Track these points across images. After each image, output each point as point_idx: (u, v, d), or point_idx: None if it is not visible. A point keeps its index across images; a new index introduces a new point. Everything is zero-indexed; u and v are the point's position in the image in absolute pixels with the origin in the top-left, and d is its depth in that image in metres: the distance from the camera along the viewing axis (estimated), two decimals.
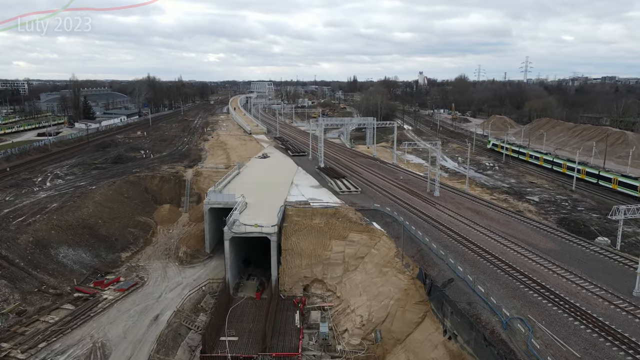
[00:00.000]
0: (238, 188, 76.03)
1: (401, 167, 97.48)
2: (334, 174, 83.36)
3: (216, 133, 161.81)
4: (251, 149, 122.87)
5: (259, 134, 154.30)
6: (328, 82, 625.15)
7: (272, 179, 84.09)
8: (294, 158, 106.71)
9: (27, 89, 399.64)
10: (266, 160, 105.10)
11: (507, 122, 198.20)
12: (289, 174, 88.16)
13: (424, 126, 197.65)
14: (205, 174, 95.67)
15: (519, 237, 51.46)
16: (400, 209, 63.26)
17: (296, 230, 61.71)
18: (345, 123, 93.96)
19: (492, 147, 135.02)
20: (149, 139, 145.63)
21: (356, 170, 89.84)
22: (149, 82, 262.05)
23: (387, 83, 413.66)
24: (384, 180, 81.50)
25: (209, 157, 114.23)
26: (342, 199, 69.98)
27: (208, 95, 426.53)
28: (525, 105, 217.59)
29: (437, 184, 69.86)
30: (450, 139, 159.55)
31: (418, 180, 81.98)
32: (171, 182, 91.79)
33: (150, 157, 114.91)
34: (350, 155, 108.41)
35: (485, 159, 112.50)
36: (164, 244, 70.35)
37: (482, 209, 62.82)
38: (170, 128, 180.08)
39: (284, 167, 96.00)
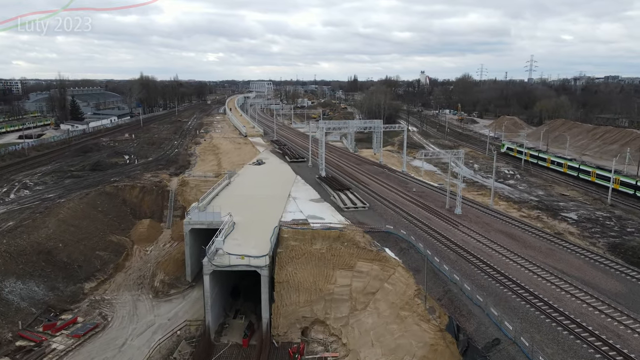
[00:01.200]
0: (226, 202, 65.71)
1: (412, 175, 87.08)
2: (337, 185, 73.00)
3: (209, 135, 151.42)
4: (246, 154, 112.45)
5: (255, 137, 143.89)
6: (328, 82, 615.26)
7: (266, 190, 73.72)
8: (292, 164, 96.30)
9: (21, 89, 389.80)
10: (261, 167, 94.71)
11: (518, 123, 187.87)
12: (286, 184, 77.81)
13: (430, 127, 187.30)
14: (192, 183, 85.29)
15: (572, 273, 41.07)
16: (417, 232, 52.88)
17: (293, 257, 51.34)
18: (348, 126, 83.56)
19: (507, 151, 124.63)
20: (136, 142, 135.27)
21: (362, 180, 79.45)
22: (142, 82, 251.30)
23: (389, 82, 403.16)
24: (394, 192, 71.13)
25: (199, 164, 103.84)
26: (347, 216, 59.62)
27: (205, 95, 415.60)
28: (536, 106, 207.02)
29: (459, 200, 59.45)
30: (459, 141, 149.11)
31: (433, 192, 71.57)
32: (153, 193, 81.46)
33: (134, 163, 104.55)
34: (354, 162, 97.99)
35: (503, 166, 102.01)
36: (139, 270, 59.96)
37: (516, 232, 52.41)
38: (162, 130, 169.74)
39: (280, 175, 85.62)
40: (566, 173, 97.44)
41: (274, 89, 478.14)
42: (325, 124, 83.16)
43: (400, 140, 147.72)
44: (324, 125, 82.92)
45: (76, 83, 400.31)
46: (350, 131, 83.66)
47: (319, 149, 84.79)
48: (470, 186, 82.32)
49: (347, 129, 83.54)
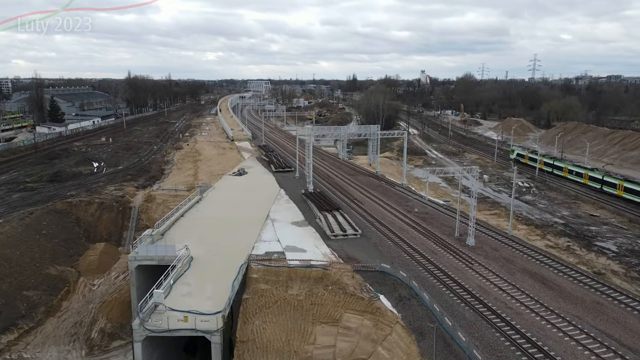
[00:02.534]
0: (190, 228, 54.54)
1: (413, 189, 75.79)
2: (324, 204, 61.73)
3: (194, 139, 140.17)
4: (228, 162, 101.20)
5: (242, 141, 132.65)
6: (327, 81, 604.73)
7: (242, 210, 62.47)
8: (278, 175, 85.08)
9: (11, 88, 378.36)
10: (242, 178, 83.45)
11: (525, 125, 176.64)
12: (266, 201, 66.56)
13: (431, 130, 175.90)
14: (160, 198, 74.11)
15: (631, 344, 29.90)
16: (420, 273, 41.67)
17: (262, 306, 40.14)
18: (340, 133, 72.28)
19: (517, 157, 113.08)
20: (112, 147, 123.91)
21: (355, 197, 68.18)
22: (130, 81, 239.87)
23: (388, 82, 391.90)
24: (392, 213, 59.87)
25: (174, 173, 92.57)
26: (334, 247, 48.43)
27: (199, 95, 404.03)
28: (543, 107, 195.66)
29: (472, 229, 48.19)
30: (463, 146, 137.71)
31: (439, 213, 60.26)
32: (113, 210, 70.26)
33: (101, 172, 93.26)
34: (348, 172, 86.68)
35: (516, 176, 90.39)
36: (77, 314, 48.73)
37: (546, 274, 41.15)
38: (144, 132, 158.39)
39: (261, 189, 74.38)
40: (587, 184, 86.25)
41: (271, 89, 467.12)
42: (314, 131, 71.88)
43: (400, 145, 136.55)
44: (312, 131, 71.62)
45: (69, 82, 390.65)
46: (342, 138, 72.33)
47: (307, 159, 73.57)
48: (481, 202, 71.01)
49: (339, 136, 72.22)
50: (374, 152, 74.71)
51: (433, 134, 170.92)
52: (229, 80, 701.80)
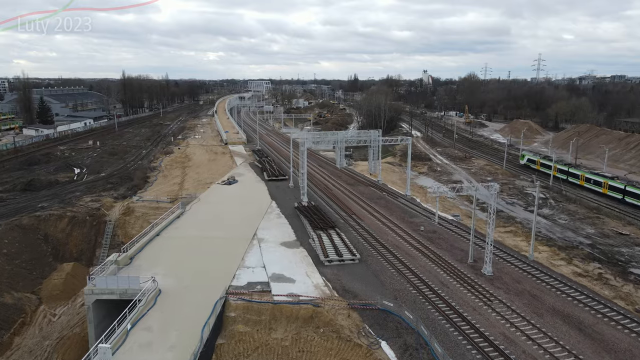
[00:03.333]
0: (164, 250, 47.78)
1: (418, 201, 68.83)
2: (319, 221, 54.85)
3: (186, 143, 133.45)
4: (218, 168, 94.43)
5: (236, 145, 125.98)
6: (329, 81, 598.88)
7: (226, 227, 55.68)
8: (270, 184, 78.29)
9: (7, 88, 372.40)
10: (231, 188, 76.67)
11: (533, 128, 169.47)
12: (254, 216, 59.73)
13: (435, 132, 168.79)
14: (139, 211, 67.32)
15: None
16: (430, 314, 34.80)
17: (239, 355, 33.38)
18: (337, 139, 65.34)
19: (528, 163, 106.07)
20: (97, 151, 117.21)
21: (354, 210, 61.27)
22: (125, 81, 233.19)
23: (390, 82, 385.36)
24: (395, 232, 52.98)
25: (158, 182, 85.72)
26: (328, 276, 41.61)
27: (198, 95, 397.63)
28: (551, 108, 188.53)
29: (489, 256, 41.23)
30: (469, 150, 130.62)
31: (448, 232, 53.32)
32: (86, 225, 63.53)
33: (80, 180, 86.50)
34: (347, 181, 79.81)
35: (528, 185, 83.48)
36: (29, 353, 41.86)
37: (580, 315, 34.24)
38: (136, 135, 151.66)
39: (251, 201, 67.56)
40: (607, 195, 79.30)
41: (272, 89, 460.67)
42: (308, 137, 64.95)
43: (403, 149, 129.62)
44: (306, 137, 64.70)
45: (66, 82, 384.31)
46: (339, 145, 65.39)
47: (301, 168, 66.74)
48: None
49: (337, 142, 65.29)
50: (374, 160, 67.77)
51: (437, 136, 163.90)
52: (230, 80, 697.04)
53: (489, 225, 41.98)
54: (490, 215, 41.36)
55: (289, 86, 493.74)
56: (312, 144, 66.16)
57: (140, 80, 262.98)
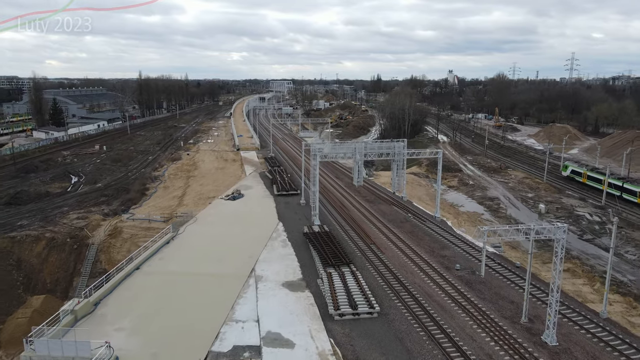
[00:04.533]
0: (137, 294, 39.08)
1: (449, 224, 58.58)
2: (330, 254, 45.38)
3: (197, 148, 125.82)
4: (225, 179, 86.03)
5: (249, 150, 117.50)
6: (351, 81, 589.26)
7: (220, 259, 46.75)
8: (280, 199, 69.28)
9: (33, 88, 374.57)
10: (235, 203, 67.88)
11: (572, 133, 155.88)
12: (256, 243, 50.70)
13: (464, 137, 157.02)
14: (128, 232, 59.13)
15: None
16: None
17: None
18: (355, 151, 55.66)
19: (572, 175, 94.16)
20: (103, 157, 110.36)
21: (373, 239, 51.56)
22: (140, 82, 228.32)
23: (414, 82, 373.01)
24: (424, 270, 43.08)
25: (157, 194, 77.70)
26: (338, 338, 32.19)
27: (218, 96, 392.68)
28: (591, 111, 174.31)
29: (553, 320, 30.93)
30: (503, 158, 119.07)
31: (493, 275, 42.97)
32: (65, 248, 55.62)
33: (75, 191, 79.14)
34: (366, 197, 70.11)
35: (577, 203, 71.85)
36: None
37: None
38: (146, 139, 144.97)
39: (255, 223, 58.53)
40: None
41: (293, 89, 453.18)
42: (321, 150, 55.49)
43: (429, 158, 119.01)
44: (318, 148, 55.25)
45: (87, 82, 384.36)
46: (357, 160, 55.68)
47: (312, 186, 57.39)
48: (542, 247, 53.36)
49: (354, 155, 55.63)
50: (399, 176, 57.88)
51: (466, 141, 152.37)
52: (252, 81, 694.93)
53: (553, 274, 31.74)
54: (556, 267, 31.10)
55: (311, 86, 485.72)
56: (325, 157, 56.67)
57: (158, 81, 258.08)
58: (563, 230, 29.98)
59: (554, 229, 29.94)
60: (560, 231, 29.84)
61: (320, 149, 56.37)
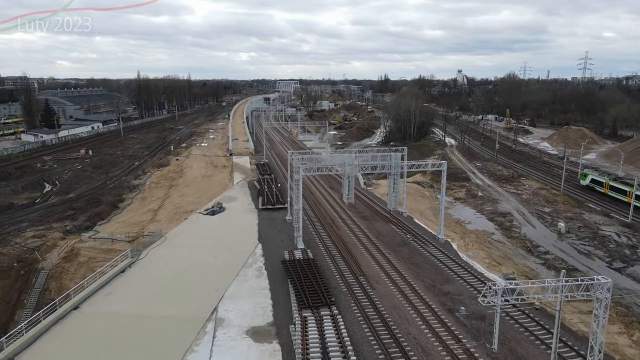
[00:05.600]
0: (68, 343, 31.74)
1: (454, 246, 50.61)
2: (310, 290, 37.73)
3: (188, 152, 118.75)
4: (210, 188, 78.78)
5: (242, 155, 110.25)
6: (359, 81, 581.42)
7: (179, 295, 39.26)
8: (264, 214, 61.84)
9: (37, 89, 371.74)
10: (213, 219, 60.49)
11: (588, 136, 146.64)
12: (227, 271, 43.26)
13: (472, 140, 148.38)
14: (86, 254, 51.94)
15: None
16: None
17: None
18: (345, 163, 48.03)
19: (592, 184, 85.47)
20: (87, 162, 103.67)
21: (363, 268, 43.80)
22: (139, 82, 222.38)
23: (423, 82, 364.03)
24: (422, 313, 35.22)
25: (131, 207, 70.51)
26: None
27: (222, 96, 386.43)
28: (609, 113, 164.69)
29: None
30: (514, 164, 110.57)
31: (504, 320, 34.97)
32: (11, 274, 48.63)
33: (43, 202, 72.27)
34: (361, 212, 62.35)
35: (601, 220, 63.18)
36: None
37: None
38: (137, 142, 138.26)
39: (230, 244, 51.04)
40: None
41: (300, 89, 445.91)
42: (305, 163, 47.82)
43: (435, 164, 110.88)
44: (300, 162, 47.59)
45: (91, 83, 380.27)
46: (348, 173, 47.88)
47: (295, 204, 49.83)
48: None
49: (343, 168, 47.84)
50: (395, 192, 49.92)
51: (474, 145, 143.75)
52: (260, 81, 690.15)
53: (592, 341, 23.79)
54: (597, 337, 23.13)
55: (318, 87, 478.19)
56: (309, 171, 48.99)
57: (158, 81, 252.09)
58: (607, 287, 22.05)
59: (595, 286, 22.03)
60: (603, 289, 21.91)
61: (304, 161, 48.73)
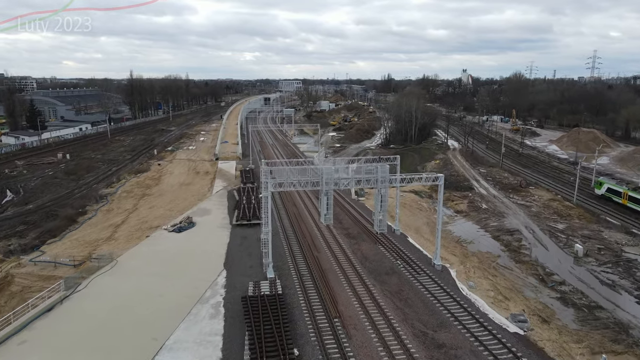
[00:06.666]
0: None
1: (453, 273, 42.84)
2: (268, 344, 30.13)
3: (173, 156, 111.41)
4: (186, 198, 71.42)
5: (229, 160, 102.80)
6: (363, 81, 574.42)
7: (106, 349, 31.79)
8: (237, 231, 54.37)
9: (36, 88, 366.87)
10: (178, 237, 52.98)
11: (600, 138, 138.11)
12: (175, 310, 35.75)
13: (477, 143, 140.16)
14: (21, 283, 44.59)
15: None
16: None
17: None
18: (322, 177, 40.42)
19: (609, 194, 77.28)
20: (62, 167, 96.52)
21: (342, 305, 36.12)
22: (131, 82, 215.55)
23: (426, 82, 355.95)
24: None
25: (92, 221, 62.96)
26: None
27: (220, 96, 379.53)
28: (621, 113, 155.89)
29: None
30: (522, 170, 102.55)
31: None
32: None
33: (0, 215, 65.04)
34: (346, 230, 54.70)
35: (624, 239, 54.92)
36: None
37: None
38: (122, 144, 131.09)
39: (189, 272, 43.46)
40: None
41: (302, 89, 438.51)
42: (272, 180, 40.25)
43: (436, 166, 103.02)
44: (268, 179, 39.97)
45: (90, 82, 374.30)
46: (324, 188, 40.13)
47: (263, 226, 42.30)
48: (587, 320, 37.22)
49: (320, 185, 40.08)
50: (382, 211, 42.18)
51: (479, 148, 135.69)
52: (264, 80, 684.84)
53: None
54: None
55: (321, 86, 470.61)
56: (279, 187, 41.30)
57: (153, 81, 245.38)
58: None
59: None
60: None
61: (273, 174, 41.20)
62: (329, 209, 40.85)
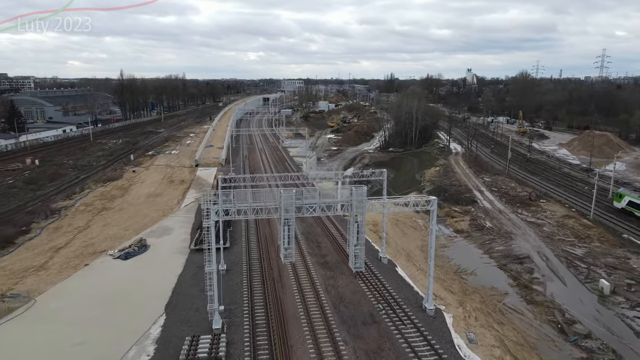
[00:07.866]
0: None
1: (448, 323, 33.98)
2: None
3: (151, 162, 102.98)
4: (148, 214, 62.86)
5: (210, 167, 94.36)
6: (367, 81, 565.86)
7: None
8: (194, 258, 45.74)
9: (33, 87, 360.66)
10: (122, 267, 44.43)
11: (613, 142, 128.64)
12: None
13: (481, 147, 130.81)
14: None
15: None
16: None
17: None
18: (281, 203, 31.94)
19: (629, 208, 68.00)
20: (26, 175, 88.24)
21: None
22: (122, 82, 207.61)
23: (430, 82, 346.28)
24: None
25: (29, 245, 54.26)
26: None
27: (220, 96, 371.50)
28: (636, 115, 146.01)
29: None
30: (530, 178, 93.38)
31: None
32: None
33: None
34: (324, 260, 45.92)
35: None
36: None
37: None
38: (100, 149, 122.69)
39: (119, 317, 34.89)
40: None
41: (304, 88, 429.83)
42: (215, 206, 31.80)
43: (435, 176, 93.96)
44: (212, 202, 31.52)
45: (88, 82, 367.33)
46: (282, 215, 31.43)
47: (207, 265, 33.62)
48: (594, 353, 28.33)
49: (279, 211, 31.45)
50: (360, 246, 33.36)
51: (483, 152, 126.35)
52: (268, 80, 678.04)
53: None
54: None
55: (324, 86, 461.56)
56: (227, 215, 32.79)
57: (146, 80, 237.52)
58: None
59: None
60: None
61: (217, 200, 32.72)
62: (289, 243, 32.03)
